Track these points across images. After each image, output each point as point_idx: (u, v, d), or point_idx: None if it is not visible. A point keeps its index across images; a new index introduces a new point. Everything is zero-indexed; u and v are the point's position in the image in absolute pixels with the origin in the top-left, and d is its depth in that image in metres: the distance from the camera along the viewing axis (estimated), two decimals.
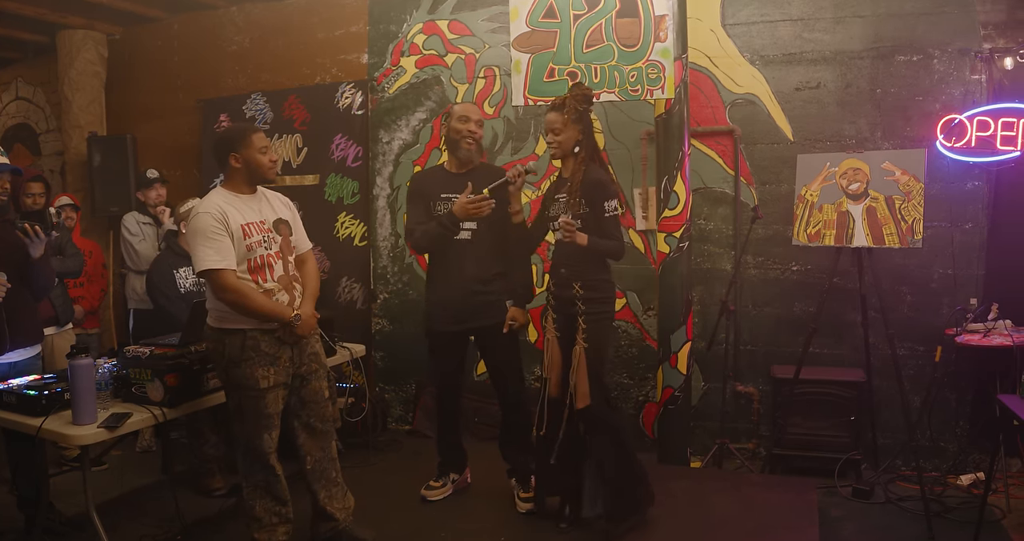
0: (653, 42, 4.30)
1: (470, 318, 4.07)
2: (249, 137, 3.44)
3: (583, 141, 3.76)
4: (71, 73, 6.52)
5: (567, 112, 3.72)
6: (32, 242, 3.66)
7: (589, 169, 3.72)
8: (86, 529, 3.68)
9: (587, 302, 3.69)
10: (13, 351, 3.80)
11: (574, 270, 3.74)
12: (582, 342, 3.67)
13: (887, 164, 4.24)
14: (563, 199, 3.77)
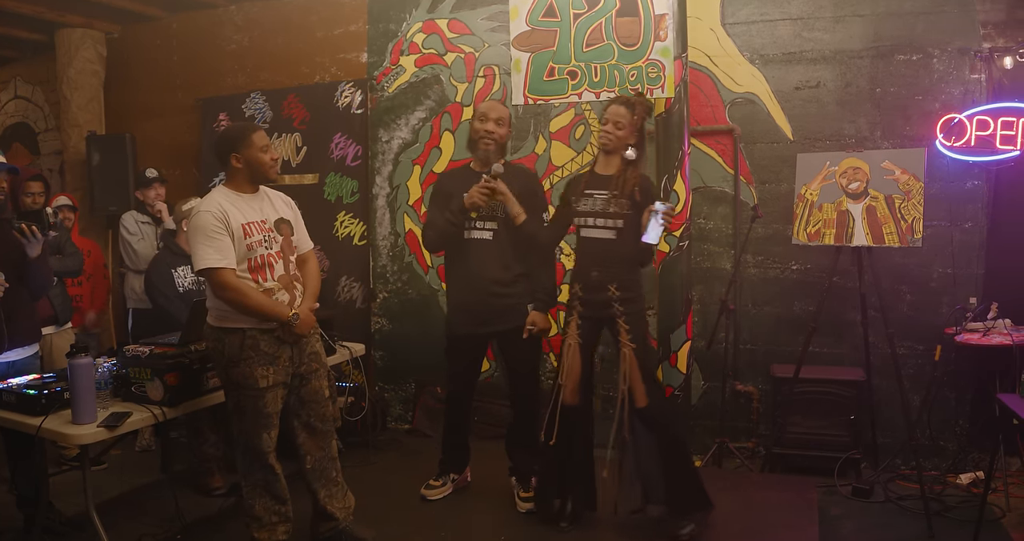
0: (653, 41, 4.30)
1: (490, 321, 4.02)
2: (250, 136, 3.43)
3: (639, 146, 3.75)
4: (70, 72, 6.50)
5: (636, 114, 3.72)
6: (29, 242, 3.68)
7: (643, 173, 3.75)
8: (86, 529, 3.67)
9: (625, 303, 3.67)
10: (11, 350, 3.81)
11: (608, 272, 3.70)
12: (628, 344, 3.65)
13: (887, 163, 4.24)
14: (602, 196, 3.72)
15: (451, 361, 4.26)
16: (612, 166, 3.77)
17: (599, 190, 3.75)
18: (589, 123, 5.18)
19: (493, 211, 3.98)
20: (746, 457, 4.86)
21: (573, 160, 5.24)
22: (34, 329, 4.03)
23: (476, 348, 4.23)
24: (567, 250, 5.28)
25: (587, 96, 4.47)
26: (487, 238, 4.00)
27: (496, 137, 3.99)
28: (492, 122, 3.99)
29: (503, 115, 4.04)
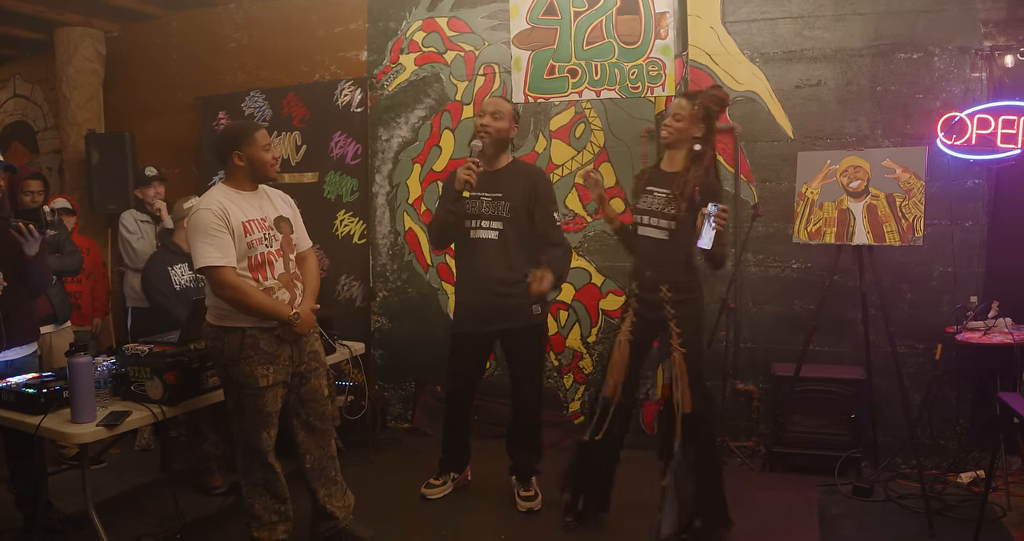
0: (654, 39, 4.30)
1: (495, 320, 4.02)
2: (252, 135, 3.42)
3: (703, 141, 3.58)
4: (69, 71, 6.49)
5: (697, 105, 3.57)
6: (27, 240, 3.64)
7: (708, 173, 3.57)
8: (85, 528, 3.67)
9: (676, 305, 3.58)
10: (9, 349, 3.80)
11: (661, 272, 3.62)
12: (679, 348, 3.56)
13: (888, 162, 4.24)
14: (662, 194, 3.62)
15: (455, 360, 4.25)
16: (676, 163, 3.65)
17: (660, 188, 3.65)
18: (589, 121, 5.17)
19: (498, 210, 3.98)
20: (746, 456, 4.85)
21: (573, 158, 5.24)
22: (32, 328, 4.01)
23: (481, 347, 4.22)
24: None
25: (587, 94, 4.46)
26: (492, 237, 4.00)
27: (491, 130, 3.96)
28: (488, 116, 3.98)
29: (500, 109, 4.01)
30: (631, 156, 5.12)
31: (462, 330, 4.16)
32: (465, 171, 3.82)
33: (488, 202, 3.98)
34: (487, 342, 4.21)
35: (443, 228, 4.07)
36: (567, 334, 5.33)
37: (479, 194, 3.98)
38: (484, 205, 3.98)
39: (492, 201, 3.98)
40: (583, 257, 5.27)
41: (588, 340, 5.30)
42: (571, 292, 5.30)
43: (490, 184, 3.98)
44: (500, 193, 3.96)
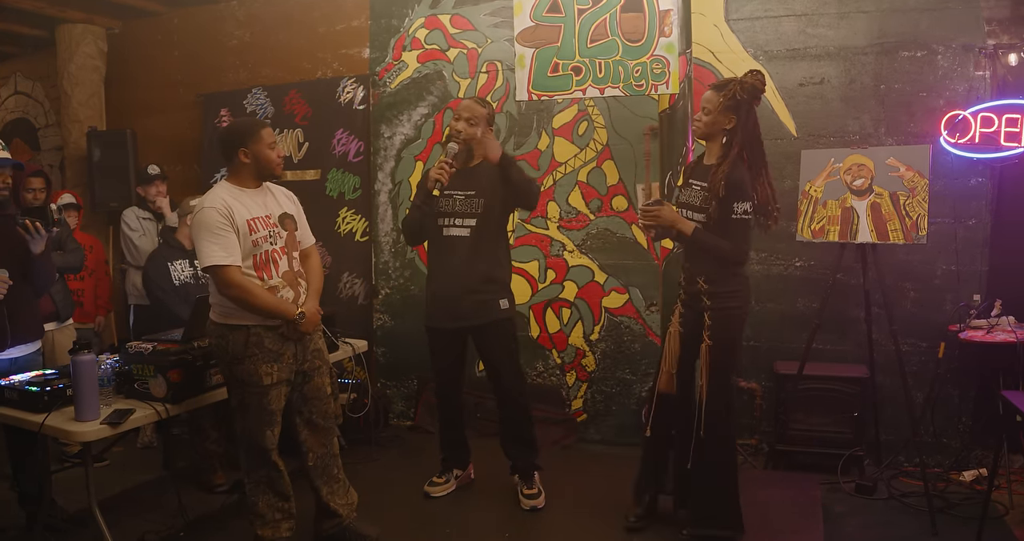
0: (658, 37, 4.28)
1: (465, 316, 4.05)
2: (258, 132, 3.41)
3: (734, 132, 3.47)
4: (70, 68, 6.49)
5: (724, 95, 3.46)
6: (33, 238, 3.66)
7: (734, 166, 3.43)
8: (88, 525, 3.67)
9: (713, 297, 3.52)
10: (14, 347, 3.81)
11: (697, 264, 3.58)
12: (707, 339, 3.51)
13: (892, 160, 4.24)
14: (698, 187, 3.57)
15: (433, 356, 4.29)
16: (714, 155, 3.58)
17: (698, 181, 3.59)
18: (592, 119, 5.16)
19: (470, 208, 4.00)
20: (749, 454, 4.85)
21: (576, 156, 5.23)
22: (37, 326, 4.01)
23: (454, 342, 4.23)
24: (570, 246, 5.27)
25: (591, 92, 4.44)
26: (464, 235, 4.02)
27: (464, 136, 3.97)
28: (462, 121, 3.98)
29: (475, 114, 4.01)
30: (634, 154, 5.12)
31: (433, 325, 4.19)
32: (437, 170, 3.84)
33: (461, 200, 4.01)
34: (459, 337, 4.23)
35: (413, 225, 4.10)
36: (569, 332, 5.33)
37: (452, 192, 4.01)
38: (457, 203, 4.01)
39: (465, 199, 4.01)
40: (585, 255, 5.26)
41: (591, 338, 5.29)
42: (574, 290, 5.29)
43: (464, 182, 4.01)
44: (473, 191, 3.99)
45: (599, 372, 5.30)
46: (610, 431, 5.29)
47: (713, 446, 3.55)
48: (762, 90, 3.47)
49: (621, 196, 5.13)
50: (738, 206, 3.41)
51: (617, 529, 3.80)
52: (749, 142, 3.48)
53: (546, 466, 4.27)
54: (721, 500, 3.58)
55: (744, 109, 3.45)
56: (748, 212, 3.43)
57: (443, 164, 3.84)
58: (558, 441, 5.22)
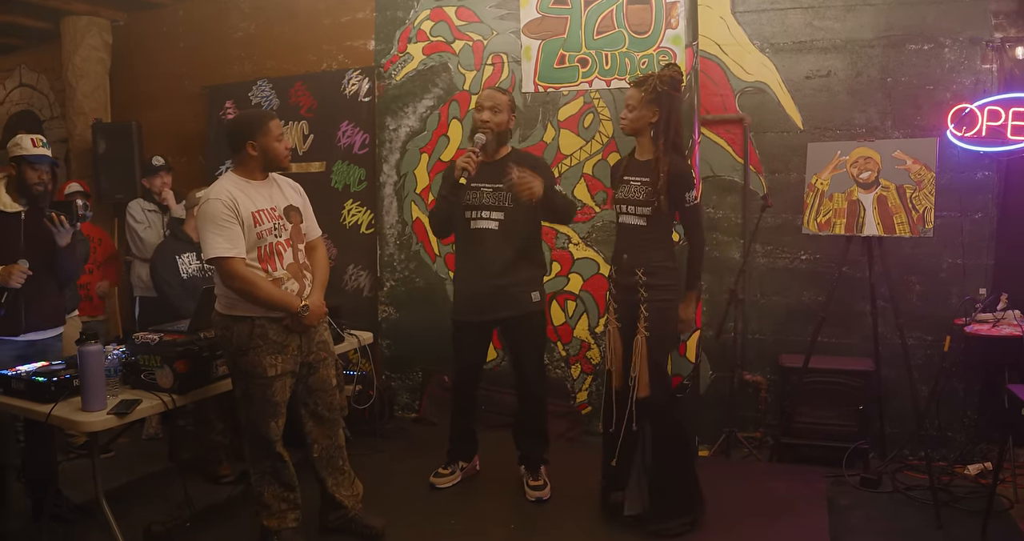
0: (664, 29, 4.29)
1: (495, 309, 4.02)
2: (266, 124, 3.41)
3: (658, 125, 3.53)
4: (75, 60, 6.49)
5: (645, 89, 3.52)
6: (59, 231, 3.81)
7: (673, 159, 3.51)
8: (95, 516, 3.67)
9: (649, 289, 3.57)
10: (31, 333, 3.93)
11: (636, 256, 3.63)
12: (643, 331, 3.55)
13: (898, 153, 4.23)
14: (636, 183, 3.61)
15: (457, 349, 4.26)
16: (647, 150, 3.62)
17: (635, 176, 3.64)
18: (598, 111, 5.15)
19: (499, 201, 3.98)
20: (754, 447, 4.85)
21: (582, 149, 5.21)
22: (57, 315, 4.12)
23: (481, 335, 4.23)
24: (575, 238, 5.26)
25: (598, 84, 4.46)
26: (493, 228, 4.00)
27: (491, 125, 3.96)
28: (487, 111, 3.96)
29: (498, 102, 3.99)
30: None
31: (462, 319, 4.17)
32: (464, 159, 3.81)
33: (489, 192, 3.98)
34: (487, 330, 4.23)
35: (441, 216, 4.08)
36: (575, 324, 5.33)
37: (480, 185, 3.98)
38: (485, 195, 3.99)
39: (493, 191, 3.98)
40: (591, 247, 5.26)
41: (596, 330, 5.29)
42: (579, 282, 5.29)
43: (491, 175, 3.97)
44: (501, 184, 3.96)
45: (604, 365, 5.29)
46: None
47: (665, 439, 3.62)
48: (680, 81, 3.58)
49: None
50: (688, 195, 3.56)
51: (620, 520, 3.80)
52: (676, 132, 3.58)
53: (551, 458, 4.27)
54: (680, 491, 3.63)
55: (665, 101, 3.52)
56: (696, 198, 3.61)
57: (471, 153, 3.82)
58: (563, 434, 5.22)
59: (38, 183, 3.89)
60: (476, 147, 3.85)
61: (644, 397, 3.56)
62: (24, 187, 3.90)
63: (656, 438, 3.64)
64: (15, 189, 3.93)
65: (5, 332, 3.85)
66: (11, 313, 3.81)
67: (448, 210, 4.01)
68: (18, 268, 3.75)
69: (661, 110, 3.52)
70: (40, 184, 3.90)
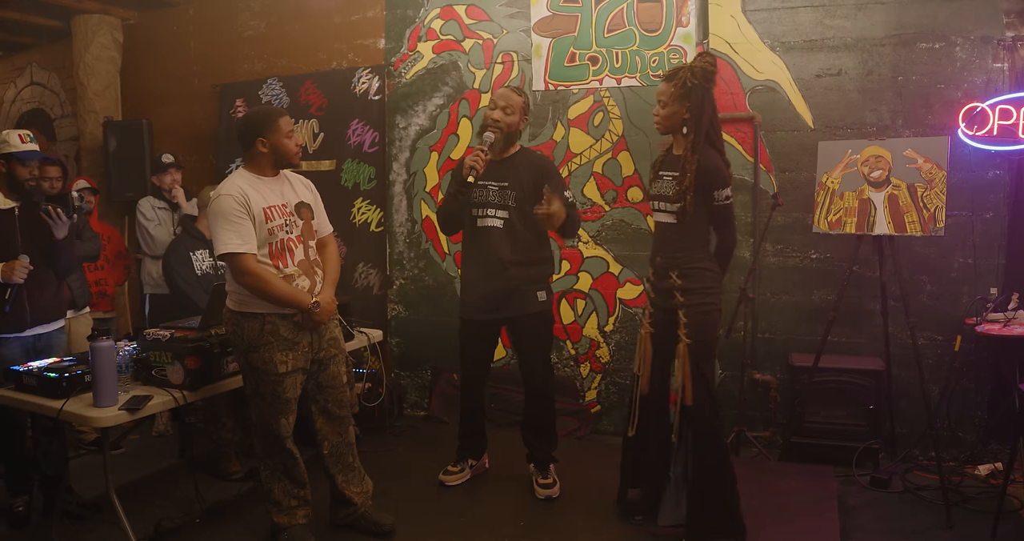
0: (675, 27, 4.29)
1: (501, 307, 4.04)
2: (277, 121, 3.41)
3: (690, 121, 3.36)
4: (86, 58, 6.50)
5: (675, 84, 3.36)
6: (55, 224, 3.85)
7: (704, 154, 3.34)
8: (105, 512, 3.70)
9: (686, 293, 3.42)
10: (36, 326, 3.98)
11: (670, 258, 3.49)
12: (684, 338, 3.40)
13: (909, 151, 4.21)
14: (668, 178, 3.47)
15: (464, 346, 4.28)
16: (682, 145, 3.43)
17: (668, 171, 3.50)
18: (608, 110, 5.14)
19: (504, 199, 3.99)
20: (764, 446, 4.84)
21: (591, 147, 5.22)
22: (59, 307, 4.17)
23: (489, 333, 4.24)
24: (585, 237, 5.26)
25: (608, 82, 4.45)
26: (498, 226, 4.01)
27: (501, 125, 3.96)
28: (499, 110, 3.97)
29: (511, 103, 3.99)
30: (649, 145, 5.10)
31: (469, 317, 4.18)
32: (472, 158, 3.82)
33: (495, 191, 3.99)
34: (494, 328, 4.24)
35: (446, 210, 4.08)
36: (584, 323, 5.33)
37: (486, 183, 3.99)
38: (491, 194, 3.99)
39: (499, 190, 3.99)
40: (600, 246, 5.26)
41: (605, 329, 5.29)
42: (589, 281, 5.29)
43: (497, 173, 3.99)
44: (507, 182, 3.97)
45: (613, 364, 5.30)
46: (624, 423, 5.24)
47: (704, 452, 3.45)
48: (714, 72, 3.38)
49: (636, 187, 5.12)
50: (718, 193, 3.36)
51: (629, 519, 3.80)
52: (710, 126, 3.40)
53: (560, 457, 4.27)
54: (718, 508, 3.45)
55: (698, 94, 3.35)
56: (729, 197, 3.40)
57: (479, 152, 3.83)
58: (572, 432, 5.22)
59: (29, 178, 3.96)
60: (485, 146, 3.85)
61: (688, 406, 3.44)
62: (15, 183, 3.95)
63: (698, 449, 3.47)
64: (6, 185, 3.97)
65: (10, 329, 3.90)
66: (15, 309, 3.87)
67: (456, 207, 4.01)
68: (19, 263, 3.80)
69: (693, 105, 3.35)
70: (32, 179, 3.97)
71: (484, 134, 3.94)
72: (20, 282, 3.81)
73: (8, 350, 3.90)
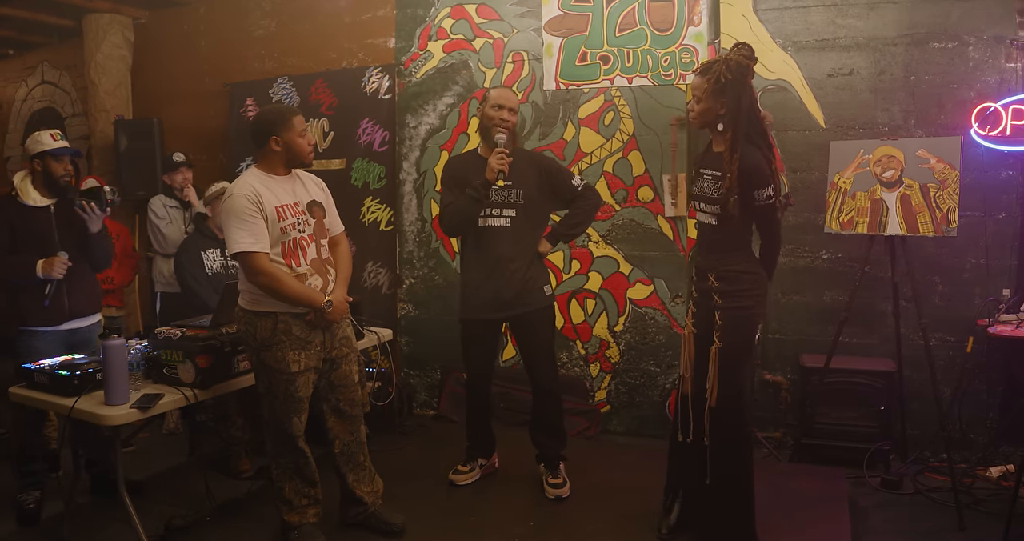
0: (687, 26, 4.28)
1: (505, 306, 4.03)
2: (290, 120, 3.41)
3: (726, 117, 3.23)
4: (97, 57, 6.52)
5: (709, 79, 3.20)
6: (90, 217, 4.04)
7: (745, 152, 3.19)
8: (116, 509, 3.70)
9: (724, 295, 3.31)
10: (74, 319, 4.14)
11: (710, 259, 3.39)
12: (717, 340, 3.30)
13: (922, 151, 4.20)
14: (709, 177, 3.34)
15: (467, 346, 4.27)
16: (721, 143, 3.29)
17: (709, 170, 3.35)
18: (619, 109, 5.13)
19: (510, 198, 3.99)
20: (774, 447, 4.83)
21: (602, 147, 5.21)
22: (95, 301, 4.33)
23: (492, 333, 4.24)
24: (595, 236, 5.26)
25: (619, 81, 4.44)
26: (504, 225, 4.01)
27: (510, 125, 4.00)
28: (507, 111, 3.99)
29: (515, 104, 4.06)
30: (660, 145, 5.09)
31: (471, 316, 4.16)
32: (499, 161, 3.82)
33: (499, 190, 3.98)
34: (496, 328, 4.24)
35: (463, 213, 4.01)
36: (594, 323, 5.33)
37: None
38: (495, 193, 3.98)
39: (503, 189, 3.98)
40: (611, 245, 5.25)
41: (615, 329, 5.29)
42: (599, 281, 5.29)
43: None
44: (511, 181, 3.97)
45: (623, 363, 5.29)
46: (634, 423, 5.28)
47: (724, 457, 3.36)
48: (751, 64, 3.22)
49: (647, 187, 5.11)
50: (759, 193, 3.21)
51: (640, 519, 3.79)
52: (749, 123, 3.24)
53: (570, 456, 4.26)
54: (733, 518, 3.37)
55: (733, 90, 3.19)
56: (771, 196, 3.22)
57: (501, 154, 3.84)
58: (582, 432, 5.22)
59: (64, 175, 4.10)
60: (503, 148, 3.86)
61: (712, 408, 3.35)
62: (51, 180, 4.08)
63: (718, 452, 3.36)
64: (41, 184, 4.10)
65: (48, 322, 4.06)
66: (53, 303, 4.02)
67: (476, 210, 3.98)
68: (59, 259, 3.96)
69: (729, 100, 3.20)
70: (66, 175, 4.11)
71: (496, 136, 3.93)
72: (59, 277, 3.97)
73: (44, 343, 4.03)
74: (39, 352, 3.92)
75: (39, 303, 3.97)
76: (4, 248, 3.99)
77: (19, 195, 4.07)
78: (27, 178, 4.12)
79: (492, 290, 4.02)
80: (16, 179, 4.14)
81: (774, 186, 3.24)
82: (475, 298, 4.11)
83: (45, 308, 3.99)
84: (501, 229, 4.01)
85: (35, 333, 4.04)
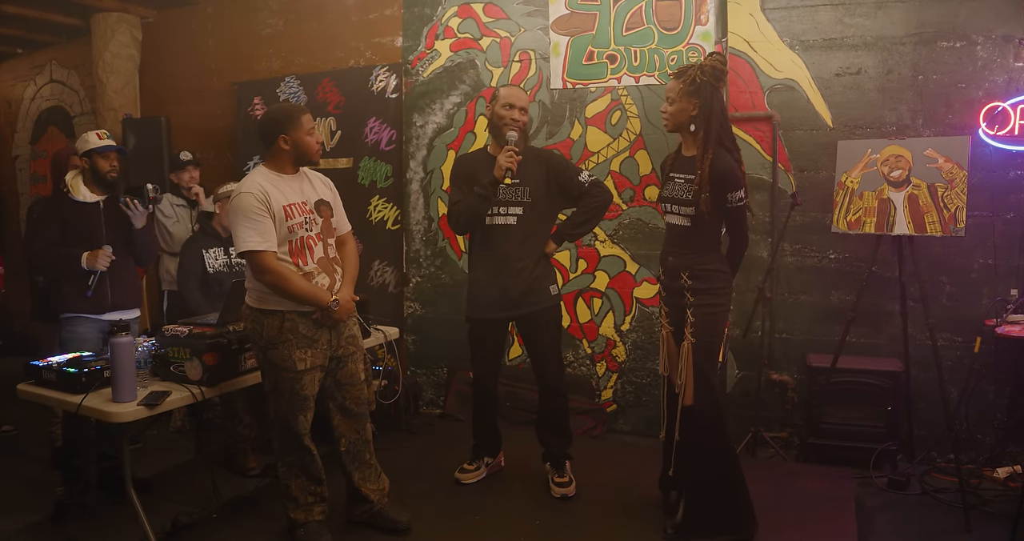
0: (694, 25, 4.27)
1: (512, 305, 4.03)
2: (299, 118, 3.42)
3: (698, 118, 3.33)
4: (105, 56, 6.55)
5: (684, 81, 3.32)
6: (134, 213, 4.29)
7: (718, 155, 3.28)
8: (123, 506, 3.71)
9: (696, 293, 3.41)
10: (115, 311, 4.33)
11: (682, 259, 3.48)
12: (689, 337, 3.40)
13: (930, 151, 4.18)
14: (680, 180, 3.44)
15: (474, 346, 4.27)
16: (692, 146, 3.41)
17: (680, 173, 3.47)
18: (625, 109, 5.13)
19: (518, 196, 3.99)
20: (780, 446, 4.82)
21: (609, 146, 5.21)
22: (136, 295, 4.59)
23: (499, 332, 4.24)
24: (602, 236, 5.25)
25: (626, 80, 4.44)
26: (511, 223, 4.01)
27: (521, 124, 4.00)
28: (518, 110, 3.99)
29: (526, 103, 4.07)
30: (667, 144, 5.07)
31: (478, 315, 4.16)
32: (508, 159, 3.82)
33: (506, 188, 3.98)
34: (503, 326, 4.24)
35: (473, 211, 4.01)
36: (600, 322, 5.32)
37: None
38: (503, 191, 3.99)
39: (511, 187, 3.99)
40: (617, 245, 5.25)
41: (622, 328, 5.28)
42: (605, 280, 5.29)
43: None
44: (519, 179, 3.97)
45: (629, 363, 5.29)
46: (640, 422, 5.28)
47: (704, 451, 3.43)
48: (724, 71, 3.35)
49: (654, 186, 5.11)
50: (732, 195, 3.32)
51: (646, 518, 3.79)
52: (720, 126, 3.34)
53: (576, 455, 4.26)
54: (720, 506, 3.44)
55: (706, 91, 3.31)
56: (743, 199, 3.35)
57: (510, 152, 3.84)
58: (588, 431, 5.22)
59: (110, 170, 4.32)
60: (513, 147, 3.86)
61: (688, 406, 3.43)
62: (99, 177, 4.32)
63: (696, 448, 3.45)
64: (91, 181, 4.33)
65: (91, 311, 4.28)
66: (97, 294, 4.24)
67: (484, 208, 3.99)
68: (104, 252, 4.20)
69: (702, 102, 3.31)
70: (112, 171, 4.33)
71: (507, 134, 3.93)
72: (103, 270, 4.19)
73: (86, 329, 4.28)
74: (82, 338, 4.23)
75: (82, 292, 4.19)
76: (55, 241, 4.23)
77: (70, 191, 4.30)
78: (78, 176, 4.35)
79: (499, 289, 4.02)
80: (68, 177, 4.37)
81: (745, 188, 3.37)
82: (482, 297, 4.11)
83: (88, 298, 4.20)
84: (508, 227, 4.01)
85: (79, 319, 4.27)
